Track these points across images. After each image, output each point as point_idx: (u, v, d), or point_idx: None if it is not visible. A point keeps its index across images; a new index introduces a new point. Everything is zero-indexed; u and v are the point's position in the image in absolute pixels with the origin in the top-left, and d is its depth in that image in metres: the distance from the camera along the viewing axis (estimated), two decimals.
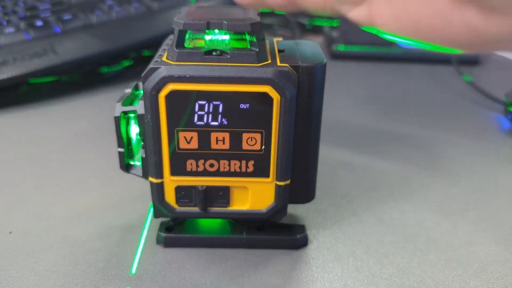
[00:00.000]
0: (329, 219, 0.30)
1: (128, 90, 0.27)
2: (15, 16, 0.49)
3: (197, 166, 0.25)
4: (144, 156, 0.25)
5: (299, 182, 0.26)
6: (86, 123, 0.42)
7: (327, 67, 0.24)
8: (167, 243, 0.27)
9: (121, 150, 0.26)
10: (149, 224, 0.29)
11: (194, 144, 0.24)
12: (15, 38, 0.46)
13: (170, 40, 0.26)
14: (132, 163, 0.27)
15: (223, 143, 0.24)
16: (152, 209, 0.27)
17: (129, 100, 0.25)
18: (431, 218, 0.30)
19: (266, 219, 0.26)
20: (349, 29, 0.60)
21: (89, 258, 0.26)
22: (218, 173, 0.25)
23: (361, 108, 0.48)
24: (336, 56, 0.61)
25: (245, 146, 0.24)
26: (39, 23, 0.48)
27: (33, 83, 0.49)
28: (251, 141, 0.24)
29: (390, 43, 0.60)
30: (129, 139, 0.26)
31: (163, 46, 0.26)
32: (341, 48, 0.61)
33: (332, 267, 0.26)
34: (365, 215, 0.30)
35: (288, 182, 0.25)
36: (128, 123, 0.26)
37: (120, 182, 0.33)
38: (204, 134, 0.24)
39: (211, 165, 0.24)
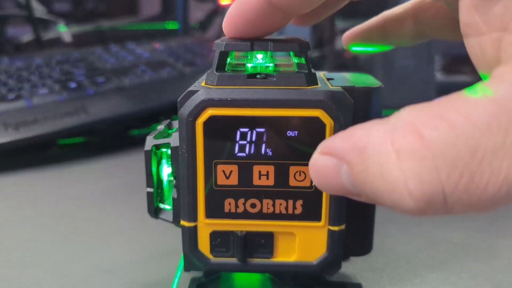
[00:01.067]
0: (388, 280, 0.25)
1: (161, 127, 0.24)
2: (50, 80, 0.49)
3: (237, 206, 0.21)
4: (175, 196, 0.22)
5: (355, 229, 0.22)
6: (113, 182, 0.40)
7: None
8: None
9: (150, 190, 0.23)
10: (177, 281, 0.25)
11: (234, 180, 0.21)
12: (48, 99, 0.46)
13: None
14: (161, 206, 0.24)
15: (267, 178, 0.21)
16: (182, 263, 0.24)
17: (162, 136, 0.23)
18: (508, 280, 0.25)
19: (316, 273, 0.22)
20: None
21: None
22: (260, 215, 0.21)
23: None
24: None
25: (292, 182, 0.21)
26: (73, 85, 0.48)
27: (63, 145, 0.48)
28: (300, 175, 0.21)
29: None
30: (159, 179, 0.24)
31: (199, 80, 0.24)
32: None
33: None
34: (430, 276, 0.26)
35: (343, 227, 0.21)
36: (159, 163, 0.24)
37: (147, 239, 0.30)
38: (246, 167, 0.21)
39: (253, 205, 0.21)
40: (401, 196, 0.13)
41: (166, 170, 0.24)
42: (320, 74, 0.24)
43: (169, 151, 0.22)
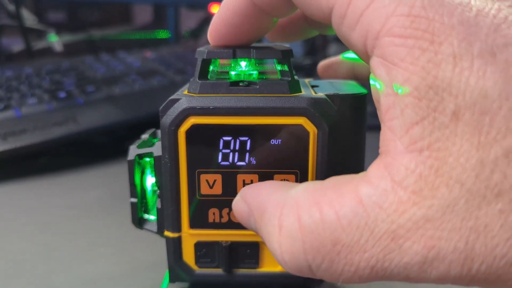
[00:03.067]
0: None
1: (145, 136, 0.24)
2: (40, 89, 0.49)
3: (221, 216, 0.21)
4: (159, 206, 0.22)
5: None
6: (101, 191, 0.39)
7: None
8: None
9: (134, 200, 0.22)
10: None
11: (218, 189, 0.21)
12: (37, 109, 0.46)
13: None
14: (146, 217, 0.23)
15: None
16: (168, 274, 0.23)
17: (145, 145, 0.23)
18: None
19: (302, 284, 0.22)
20: None
21: None
22: None
23: None
24: None
25: None
26: (62, 94, 0.48)
27: (53, 155, 0.48)
28: None
29: None
30: (143, 189, 0.23)
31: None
32: None
33: None
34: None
35: None
36: (143, 173, 0.23)
37: (134, 250, 0.29)
38: (230, 177, 0.20)
39: None
40: (280, 262, 0.17)
41: (150, 180, 0.23)
42: (305, 81, 0.24)
43: (153, 161, 0.22)
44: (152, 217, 0.23)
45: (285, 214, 0.16)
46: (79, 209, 0.36)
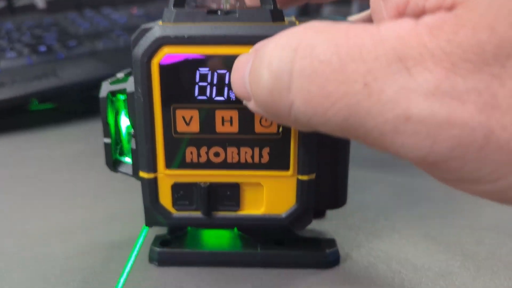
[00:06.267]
0: (365, 236, 0.24)
1: (121, 74, 0.22)
2: (20, 44, 0.47)
3: (199, 155, 0.20)
4: (134, 147, 0.20)
5: (326, 179, 0.21)
6: (82, 145, 0.38)
7: None
8: (161, 261, 0.21)
9: (107, 141, 0.21)
10: (142, 240, 0.23)
11: (195, 126, 0.19)
12: (16, 63, 0.44)
13: None
14: (121, 160, 0.22)
15: (231, 125, 0.19)
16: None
17: (119, 82, 0.21)
18: (491, 236, 0.24)
19: (285, 227, 0.21)
20: None
21: (65, 279, 0.21)
22: (225, 165, 0.20)
23: None
24: None
25: (258, 128, 0.19)
26: (42, 48, 0.46)
27: (33, 111, 0.46)
28: (266, 121, 0.19)
29: None
30: (118, 130, 0.22)
31: None
32: None
33: None
34: (409, 232, 0.25)
35: (313, 176, 0.20)
36: (118, 113, 0.22)
37: (112, 201, 0.28)
38: (207, 113, 0.19)
39: (216, 154, 0.20)
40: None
41: (124, 121, 0.22)
42: (292, 18, 0.23)
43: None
44: (127, 159, 0.22)
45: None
46: (59, 162, 0.35)
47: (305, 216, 0.21)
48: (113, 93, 0.21)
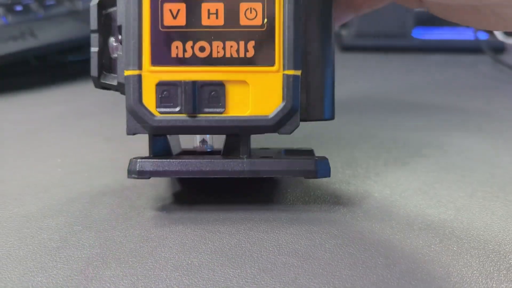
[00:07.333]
0: (355, 192, 0.23)
1: None
2: None
3: (185, 50, 0.19)
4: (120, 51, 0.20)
5: (314, 84, 0.21)
6: (63, 108, 0.36)
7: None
8: (141, 172, 0.20)
9: (95, 49, 0.21)
10: None
11: (182, 20, 0.19)
12: None
13: None
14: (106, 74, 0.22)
15: (216, 18, 0.19)
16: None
17: None
18: (484, 189, 0.24)
19: (272, 129, 0.20)
20: (360, 20, 0.55)
21: (40, 238, 0.20)
22: (210, 61, 0.20)
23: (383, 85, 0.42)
24: (347, 48, 0.56)
25: (243, 21, 0.19)
26: (18, 8, 0.44)
27: (11, 72, 0.44)
28: (251, 13, 0.19)
29: (404, 34, 0.57)
30: (106, 43, 0.22)
31: None
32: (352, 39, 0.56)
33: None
34: (401, 187, 0.24)
35: (299, 72, 0.20)
36: (108, 35, 0.22)
37: (94, 159, 0.27)
38: (194, 6, 0.19)
39: (202, 49, 0.20)
40: None
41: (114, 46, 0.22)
42: None
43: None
44: (113, 74, 0.22)
45: None
46: (38, 124, 0.33)
47: (292, 117, 0.20)
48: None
